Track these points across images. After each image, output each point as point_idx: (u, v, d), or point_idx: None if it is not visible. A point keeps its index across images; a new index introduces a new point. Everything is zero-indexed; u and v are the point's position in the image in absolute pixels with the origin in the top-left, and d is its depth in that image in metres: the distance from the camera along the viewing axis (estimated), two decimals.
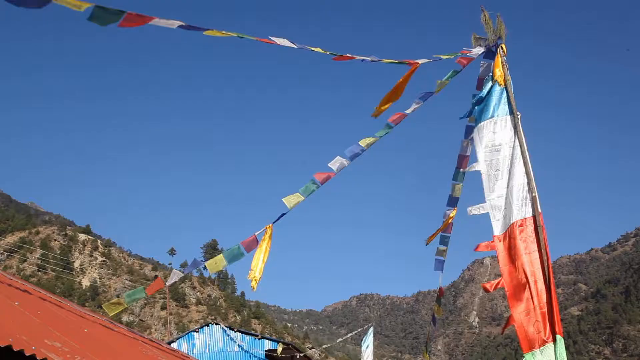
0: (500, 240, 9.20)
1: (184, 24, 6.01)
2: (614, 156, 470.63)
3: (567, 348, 9.06)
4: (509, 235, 9.19)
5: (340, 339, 37.71)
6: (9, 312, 5.70)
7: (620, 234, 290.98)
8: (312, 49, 8.38)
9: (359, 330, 32.96)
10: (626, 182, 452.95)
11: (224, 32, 6.87)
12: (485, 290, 9.21)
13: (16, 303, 6.36)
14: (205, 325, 36.34)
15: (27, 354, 4.05)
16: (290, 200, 10.49)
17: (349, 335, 39.47)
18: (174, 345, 30.88)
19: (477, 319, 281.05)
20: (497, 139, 9.85)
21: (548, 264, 9.08)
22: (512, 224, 9.21)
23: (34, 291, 8.49)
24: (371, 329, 33.50)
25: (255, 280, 10.35)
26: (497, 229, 9.33)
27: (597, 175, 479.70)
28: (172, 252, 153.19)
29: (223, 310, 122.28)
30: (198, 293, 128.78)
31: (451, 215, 12.20)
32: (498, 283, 9.15)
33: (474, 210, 9.99)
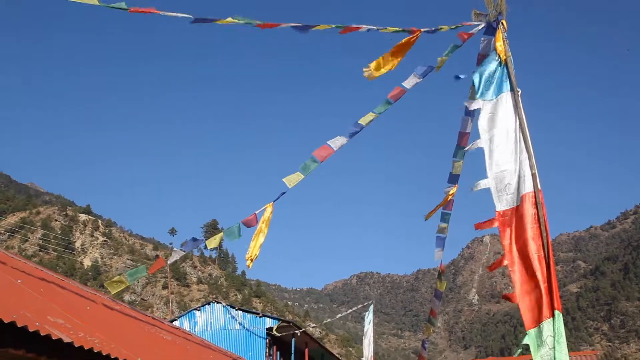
0: (502, 216, 9.23)
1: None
2: (613, 133, 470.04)
3: (565, 324, 9.13)
4: (511, 212, 9.22)
5: (339, 315, 37.93)
6: (12, 290, 5.73)
7: (620, 211, 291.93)
8: (319, 27, 8.36)
9: (359, 306, 33.13)
10: (626, 160, 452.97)
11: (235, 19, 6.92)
12: (490, 269, 9.27)
13: (19, 281, 6.40)
14: (206, 304, 36.56)
15: (30, 330, 4.08)
16: (291, 180, 10.49)
17: (349, 311, 39.68)
18: (176, 324, 31.11)
19: (476, 297, 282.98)
20: (498, 116, 9.83)
21: (547, 241, 9.12)
22: (514, 202, 9.24)
23: (36, 270, 8.54)
24: (372, 306, 33.67)
25: (251, 259, 10.39)
26: (499, 205, 9.35)
27: (597, 152, 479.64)
28: (172, 232, 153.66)
29: (224, 289, 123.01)
30: (199, 272, 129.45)
31: (451, 192, 12.20)
32: (500, 261, 9.19)
33: (479, 186, 10.00)
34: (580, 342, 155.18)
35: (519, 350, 8.75)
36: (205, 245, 10.77)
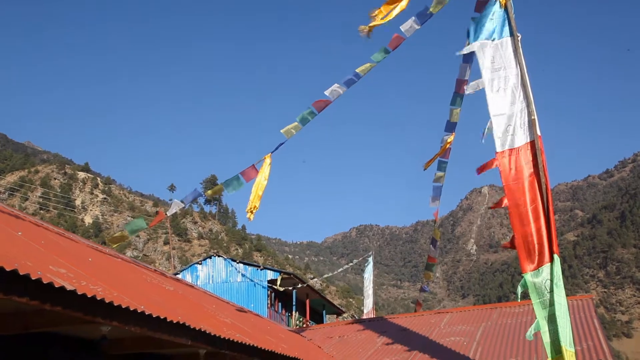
0: (503, 157, 9.24)
1: None
2: (612, 81, 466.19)
3: (562, 272, 9.25)
4: (511, 155, 9.22)
5: (340, 269, 38.40)
6: (13, 241, 5.75)
7: (618, 160, 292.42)
8: None
9: (359, 259, 33.50)
10: (624, 108, 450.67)
11: None
12: (492, 208, 9.35)
13: (19, 233, 6.41)
14: (207, 258, 36.95)
15: (33, 278, 4.11)
16: (289, 131, 10.46)
17: (349, 265, 40.11)
18: (178, 277, 31.46)
19: (474, 247, 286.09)
20: (498, 61, 9.73)
21: (547, 186, 9.15)
22: (514, 144, 9.23)
23: (36, 223, 8.56)
24: (371, 257, 34.04)
25: (251, 211, 10.45)
26: (499, 146, 9.34)
27: (595, 101, 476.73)
28: (172, 188, 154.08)
29: (225, 244, 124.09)
30: (199, 228, 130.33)
31: (449, 140, 12.22)
32: (501, 201, 9.23)
33: (487, 129, 9.96)
34: (576, 289, 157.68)
35: (520, 291, 8.88)
36: (205, 195, 10.80)
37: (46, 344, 6.47)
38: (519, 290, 8.90)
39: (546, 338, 8.71)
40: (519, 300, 9.33)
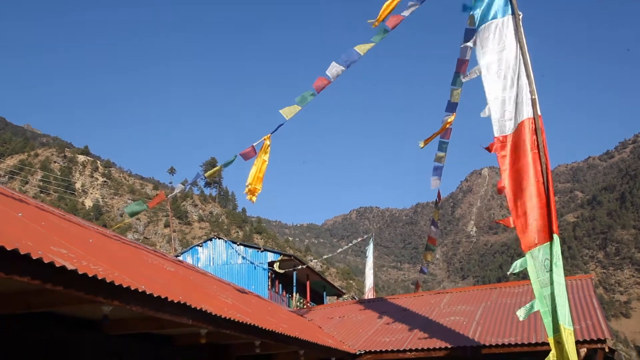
0: (500, 141, 9.21)
1: None
2: (613, 63, 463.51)
3: (561, 253, 9.28)
4: (511, 137, 9.18)
5: (340, 250, 38.54)
6: (13, 222, 5.76)
7: (619, 141, 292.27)
8: None
9: (359, 240, 33.62)
10: (625, 89, 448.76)
11: None
12: (499, 191, 9.32)
13: (19, 214, 6.42)
14: (208, 240, 37.02)
15: (34, 257, 4.12)
16: (288, 111, 10.42)
17: (349, 245, 40.26)
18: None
19: (474, 229, 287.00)
20: (499, 41, 9.64)
21: (547, 166, 9.12)
22: (514, 125, 9.19)
23: (36, 205, 8.56)
24: (371, 239, 34.10)
25: (252, 192, 10.45)
26: (497, 131, 9.31)
27: (595, 82, 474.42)
28: (172, 171, 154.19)
29: (225, 227, 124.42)
30: (200, 210, 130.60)
31: (449, 120, 12.17)
32: (499, 184, 9.23)
33: (485, 112, 9.92)
34: (575, 270, 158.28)
35: (517, 266, 8.90)
36: (204, 177, 10.78)
37: (49, 324, 6.52)
38: (517, 267, 8.91)
39: (546, 317, 8.75)
40: (513, 273, 9.34)
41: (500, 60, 9.57)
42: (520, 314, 8.99)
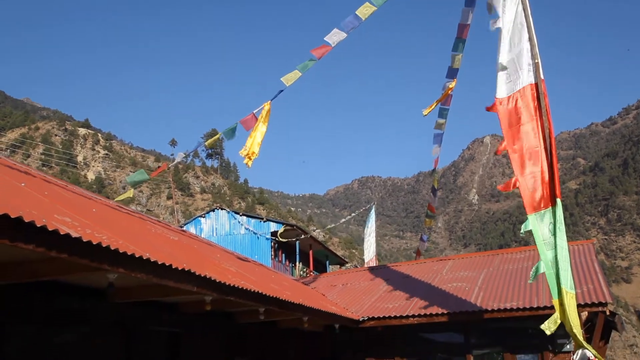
0: (501, 104, 9.16)
1: None
2: (616, 27, 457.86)
3: (563, 220, 9.30)
4: (514, 99, 9.13)
5: (343, 220, 38.66)
6: (16, 192, 5.76)
7: (622, 106, 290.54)
8: None
9: (361, 210, 33.68)
10: (628, 54, 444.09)
11: None
12: (504, 189, 9.31)
13: (22, 184, 6.42)
14: (211, 211, 37.14)
15: (38, 225, 4.13)
16: (289, 78, 10.34)
17: (351, 215, 40.36)
18: None
19: (476, 197, 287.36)
20: (500, 3, 9.52)
21: (550, 130, 9.09)
22: (515, 88, 9.12)
23: (39, 175, 8.57)
24: (373, 208, 34.16)
25: (249, 157, 10.43)
26: (501, 92, 9.24)
27: (599, 47, 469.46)
28: (173, 143, 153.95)
29: (227, 198, 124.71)
30: (202, 182, 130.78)
31: (450, 86, 12.08)
32: (514, 184, 9.17)
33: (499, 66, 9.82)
34: (577, 237, 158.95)
35: (525, 227, 8.94)
36: (205, 147, 10.74)
37: (55, 293, 6.58)
38: (525, 227, 8.97)
39: (550, 280, 8.83)
40: (524, 246, 9.41)
41: (503, 23, 9.46)
42: (532, 277, 9.09)
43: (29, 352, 6.37)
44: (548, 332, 8.84)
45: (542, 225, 8.80)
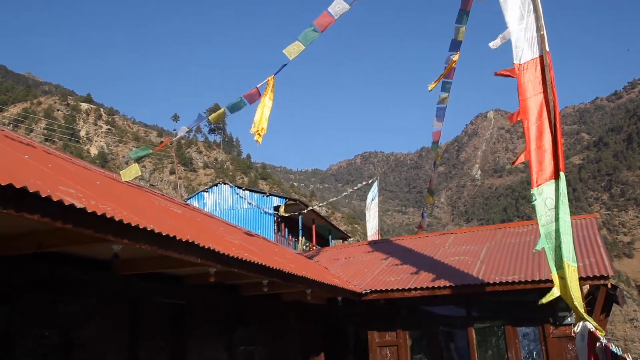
0: (518, 70, 9.10)
1: None
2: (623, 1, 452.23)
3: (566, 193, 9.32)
4: (524, 68, 9.06)
5: (345, 193, 38.73)
6: (20, 163, 5.78)
7: (627, 80, 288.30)
8: None
9: (363, 183, 33.67)
10: (635, 27, 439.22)
11: None
12: (515, 163, 9.31)
13: (26, 156, 6.43)
14: (214, 185, 37.22)
15: (43, 195, 4.15)
16: (291, 51, 10.24)
17: (354, 189, 40.41)
18: None
19: (479, 172, 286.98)
20: None
21: (554, 103, 9.04)
22: (521, 60, 9.06)
23: (42, 148, 8.58)
24: (376, 182, 34.18)
25: (259, 133, 10.41)
26: (516, 58, 9.17)
27: (604, 20, 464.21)
28: (175, 118, 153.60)
29: (230, 173, 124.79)
30: (205, 157, 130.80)
31: (454, 59, 11.97)
32: (517, 114, 9.13)
33: (496, 42, 9.74)
34: (579, 212, 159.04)
35: (534, 200, 8.95)
36: (208, 121, 10.73)
37: (60, 264, 6.63)
38: (533, 199, 8.99)
39: (550, 253, 8.86)
40: (527, 220, 9.46)
41: None
42: (538, 247, 9.15)
43: (36, 322, 6.45)
44: (544, 302, 8.93)
45: (545, 198, 8.81)
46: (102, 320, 7.49)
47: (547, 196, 8.82)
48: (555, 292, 8.71)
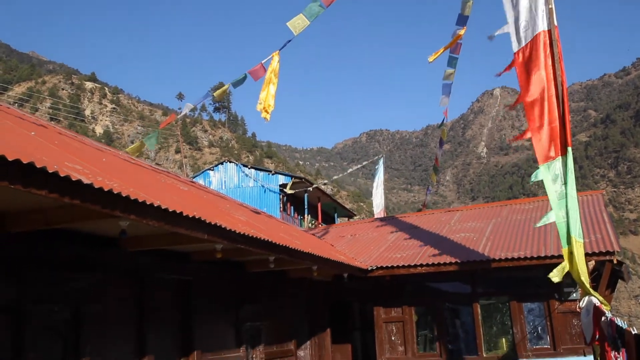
0: (519, 56, 9.03)
1: None
2: None
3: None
4: (528, 47, 8.98)
5: (350, 170, 38.84)
6: (27, 140, 5.79)
7: (636, 56, 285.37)
8: None
9: (369, 161, 33.68)
10: None
11: None
12: (518, 138, 9.29)
13: (32, 133, 6.44)
14: (219, 164, 37.28)
15: (50, 171, 4.16)
16: (296, 25, 10.16)
17: (360, 166, 40.47)
18: None
19: (485, 150, 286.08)
20: None
21: (562, 78, 8.96)
22: (529, 37, 8.97)
23: (48, 125, 8.58)
24: (381, 160, 34.14)
25: (267, 110, 10.39)
26: (516, 45, 9.11)
27: None
28: (180, 96, 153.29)
29: (236, 152, 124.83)
30: (210, 136, 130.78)
31: (460, 33, 11.85)
32: (518, 100, 9.10)
33: (498, 32, 9.65)
34: (585, 189, 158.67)
35: (535, 177, 8.95)
36: (213, 99, 10.70)
37: (68, 241, 6.67)
38: (536, 177, 8.98)
39: (561, 229, 8.87)
40: (533, 197, 9.47)
41: None
42: (538, 223, 9.16)
43: (45, 298, 6.51)
44: (556, 280, 8.94)
45: (553, 175, 8.79)
46: (110, 296, 7.56)
47: (555, 171, 8.79)
48: (566, 266, 8.74)
